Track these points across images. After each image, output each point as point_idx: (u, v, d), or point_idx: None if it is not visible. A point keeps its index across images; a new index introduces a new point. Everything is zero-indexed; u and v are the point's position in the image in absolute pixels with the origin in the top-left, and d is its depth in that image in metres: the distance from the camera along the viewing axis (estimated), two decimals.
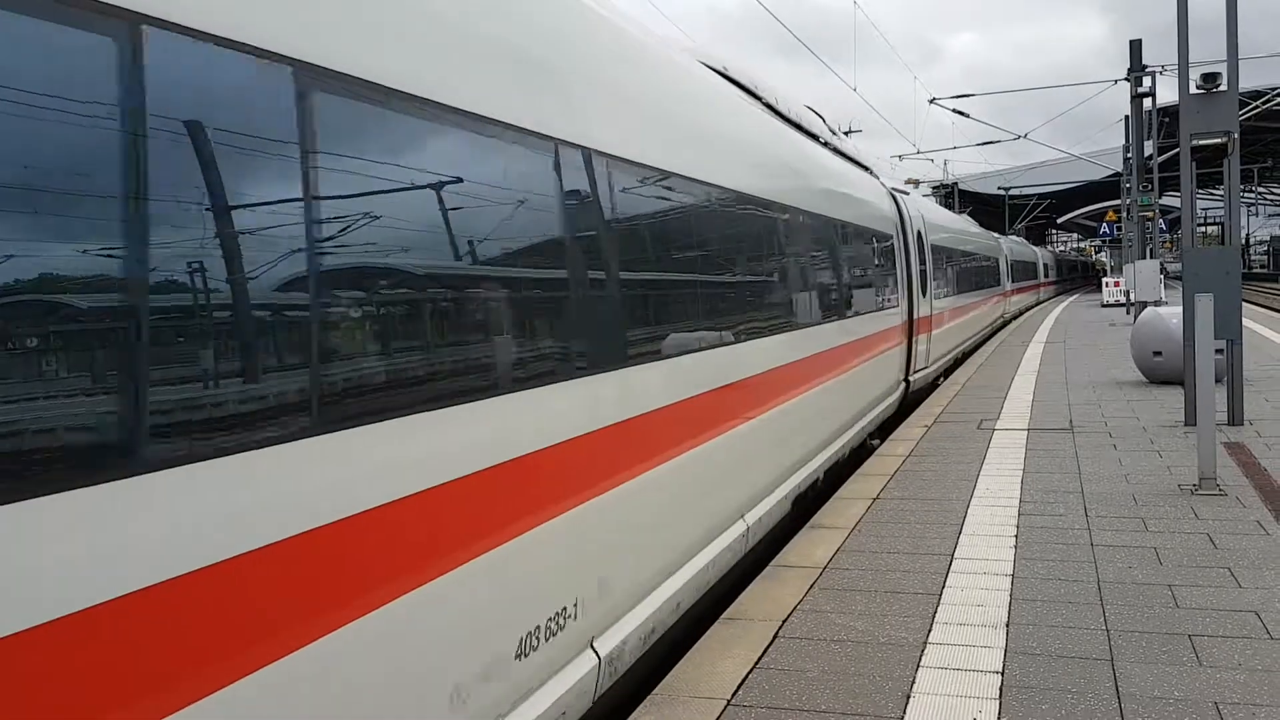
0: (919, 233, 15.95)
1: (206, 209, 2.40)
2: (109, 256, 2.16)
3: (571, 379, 4.23)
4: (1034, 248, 55.17)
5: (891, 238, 13.48)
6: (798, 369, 8.09)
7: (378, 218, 3.02)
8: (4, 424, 1.95)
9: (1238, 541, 6.54)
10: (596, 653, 4.32)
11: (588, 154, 4.50)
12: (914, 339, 14.61)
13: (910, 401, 14.64)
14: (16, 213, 2.00)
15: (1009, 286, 34.75)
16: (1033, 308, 44.43)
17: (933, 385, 16.88)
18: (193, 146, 2.37)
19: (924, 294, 15.63)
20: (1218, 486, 7.91)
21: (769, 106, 9.26)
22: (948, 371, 18.97)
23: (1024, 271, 42.32)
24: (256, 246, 2.54)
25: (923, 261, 15.92)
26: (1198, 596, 5.54)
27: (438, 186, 3.39)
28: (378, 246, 3.02)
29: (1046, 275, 56.70)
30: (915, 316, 14.71)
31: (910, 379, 14.49)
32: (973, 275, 23.64)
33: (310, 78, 2.75)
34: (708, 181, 6.26)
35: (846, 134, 47.27)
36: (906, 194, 16.65)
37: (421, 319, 3.22)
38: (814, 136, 11.15)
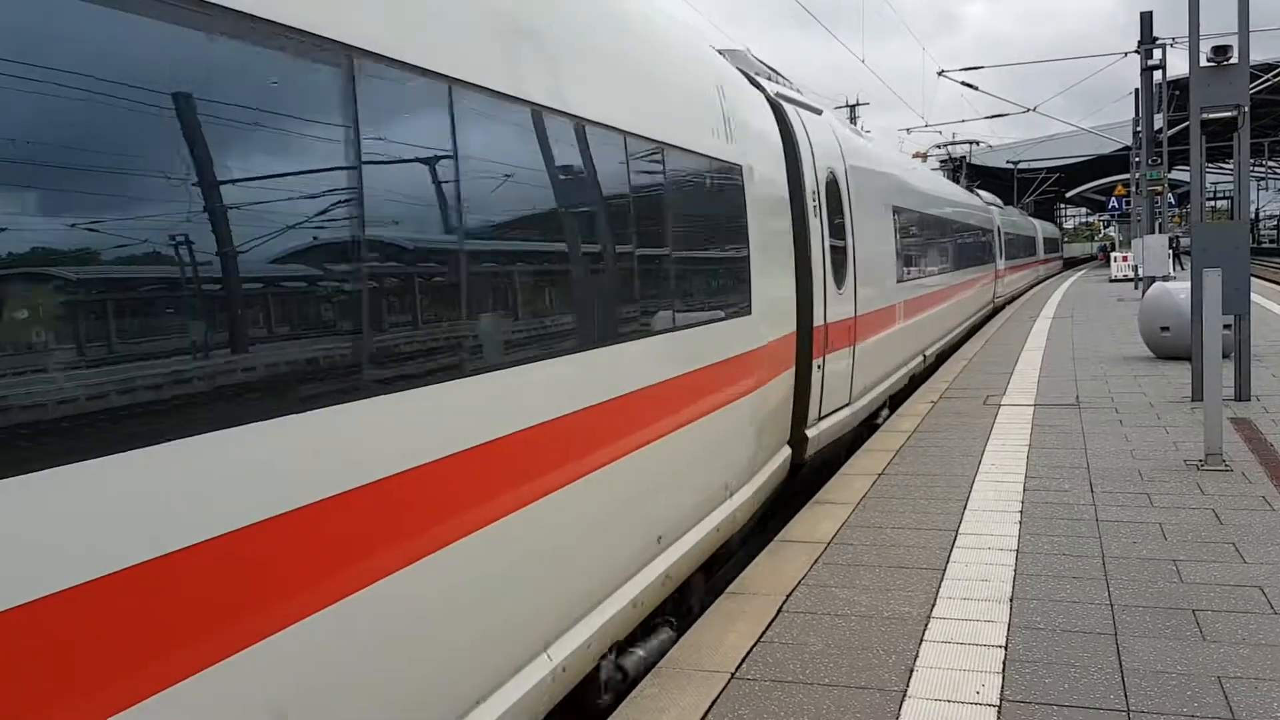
0: (836, 179, 9.40)
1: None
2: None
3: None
4: (1031, 219, 50.21)
5: (774, 184, 7.60)
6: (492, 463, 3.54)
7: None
8: None
9: (1243, 517, 6.54)
10: None
11: None
12: (822, 359, 8.53)
13: (816, 464, 8.75)
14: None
15: (1001, 266, 28.77)
16: (1028, 290, 39.60)
17: (867, 428, 10.66)
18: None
19: (843, 282, 9.25)
20: (1223, 462, 7.90)
21: None
22: (896, 398, 12.42)
23: (1020, 248, 37.10)
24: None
25: (842, 231, 9.41)
26: (1202, 572, 5.54)
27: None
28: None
29: (1041, 252, 50.81)
30: (826, 321, 8.61)
31: (809, 433, 8.26)
32: (943, 253, 16.82)
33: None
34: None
35: (853, 107, 45.56)
36: (818, 113, 9.74)
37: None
38: None
